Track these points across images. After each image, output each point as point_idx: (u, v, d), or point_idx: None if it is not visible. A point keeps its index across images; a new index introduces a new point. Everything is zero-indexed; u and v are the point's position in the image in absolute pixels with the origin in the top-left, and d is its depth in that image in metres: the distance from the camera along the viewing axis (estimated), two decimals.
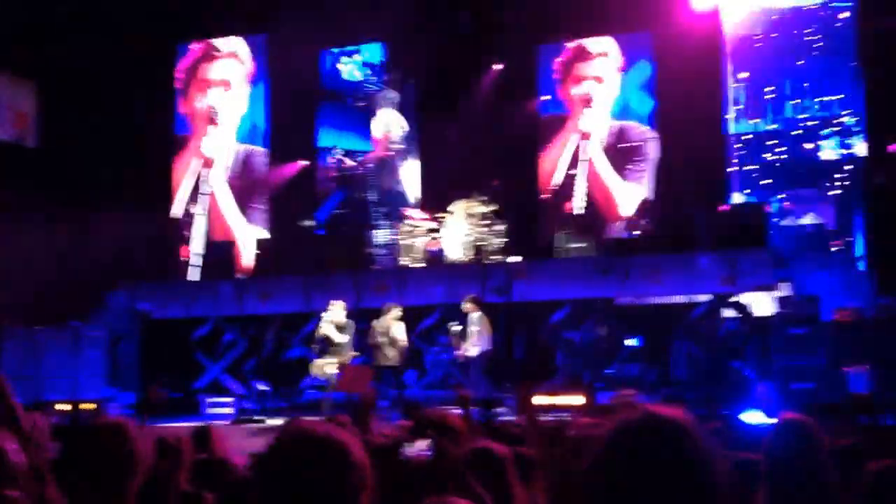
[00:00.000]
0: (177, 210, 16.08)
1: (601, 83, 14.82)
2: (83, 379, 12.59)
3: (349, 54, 16.36)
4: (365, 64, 16.31)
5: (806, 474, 2.90)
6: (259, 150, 16.25)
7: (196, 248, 15.86)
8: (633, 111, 14.60)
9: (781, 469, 2.99)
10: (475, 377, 11.15)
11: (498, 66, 15.59)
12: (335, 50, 16.28)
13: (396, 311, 11.28)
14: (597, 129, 14.70)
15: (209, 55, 16.49)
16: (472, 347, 11.07)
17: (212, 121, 16.25)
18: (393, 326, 11.18)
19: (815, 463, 2.95)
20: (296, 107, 15.97)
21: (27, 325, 12.78)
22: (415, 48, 14.91)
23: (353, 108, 16.27)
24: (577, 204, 14.50)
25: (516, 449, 3.67)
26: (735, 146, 13.98)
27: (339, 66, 16.37)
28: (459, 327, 11.24)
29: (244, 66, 16.39)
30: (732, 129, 14.01)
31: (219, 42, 16.43)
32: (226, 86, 16.40)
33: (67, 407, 11.54)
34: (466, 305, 11.23)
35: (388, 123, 15.91)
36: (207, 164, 16.21)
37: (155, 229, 15.14)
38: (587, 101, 14.78)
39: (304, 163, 16.34)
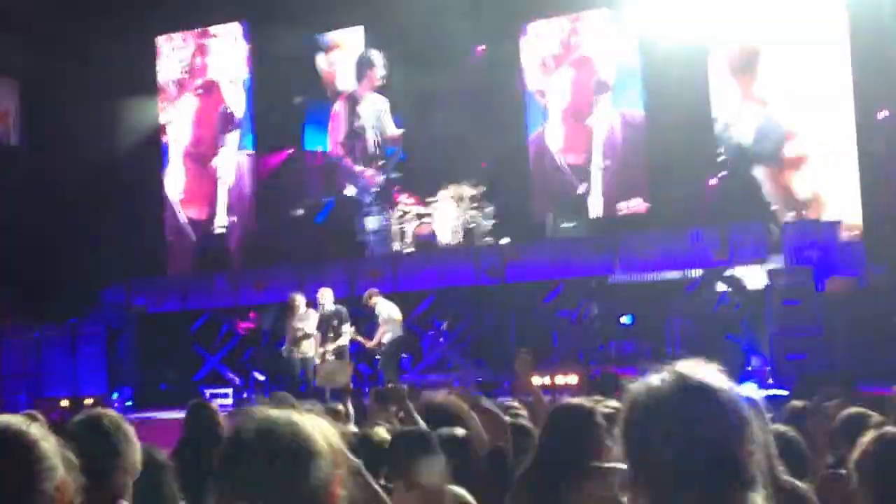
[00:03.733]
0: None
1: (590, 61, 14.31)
2: (83, 374, 12.77)
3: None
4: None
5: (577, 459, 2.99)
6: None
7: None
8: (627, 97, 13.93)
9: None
10: (389, 363, 11.20)
11: (481, 48, 15.54)
12: (316, 35, 16.04)
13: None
14: (600, 122, 14.09)
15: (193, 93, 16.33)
16: (386, 335, 11.06)
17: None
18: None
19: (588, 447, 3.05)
20: (279, 96, 15.87)
21: (25, 324, 12.88)
22: (396, 32, 14.83)
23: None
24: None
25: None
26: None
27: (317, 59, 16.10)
28: (352, 328, 11.06)
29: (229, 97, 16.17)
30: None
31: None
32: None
33: (69, 403, 11.75)
34: (368, 300, 11.20)
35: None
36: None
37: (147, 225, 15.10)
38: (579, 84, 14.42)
39: (289, 151, 16.24)
